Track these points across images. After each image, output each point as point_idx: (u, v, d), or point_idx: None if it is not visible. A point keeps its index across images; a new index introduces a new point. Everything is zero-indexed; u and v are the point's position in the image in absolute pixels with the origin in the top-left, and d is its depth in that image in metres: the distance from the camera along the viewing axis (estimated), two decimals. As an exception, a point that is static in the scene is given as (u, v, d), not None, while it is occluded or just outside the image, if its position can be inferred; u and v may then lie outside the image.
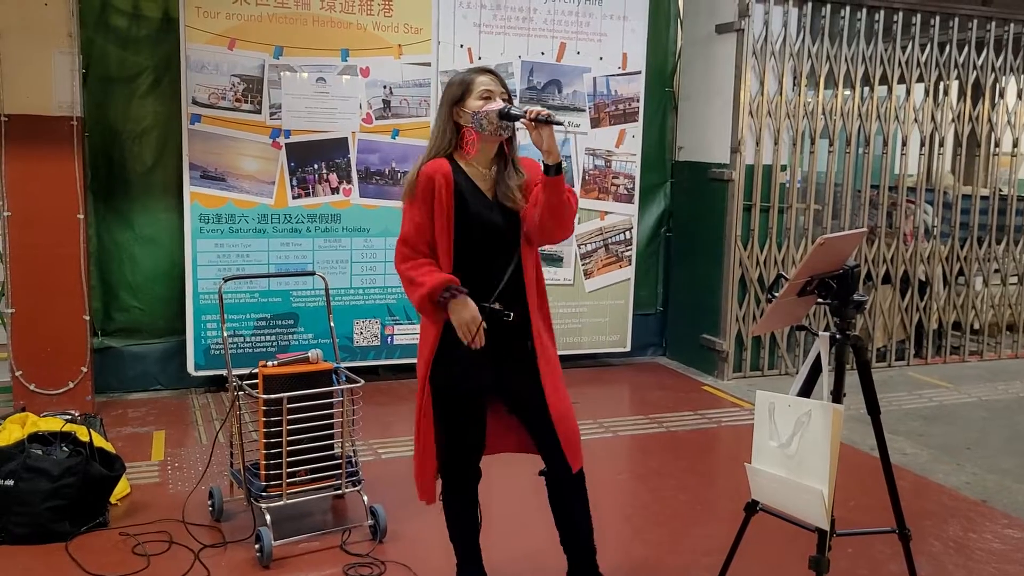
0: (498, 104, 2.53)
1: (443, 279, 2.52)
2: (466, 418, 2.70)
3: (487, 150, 2.61)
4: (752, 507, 2.61)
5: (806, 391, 2.46)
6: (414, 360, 5.49)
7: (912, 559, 2.65)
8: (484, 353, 2.58)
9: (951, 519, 3.82)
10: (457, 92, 2.58)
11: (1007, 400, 5.77)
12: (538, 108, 2.45)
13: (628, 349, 6.18)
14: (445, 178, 2.55)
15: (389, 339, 5.51)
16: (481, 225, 2.58)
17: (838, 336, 2.43)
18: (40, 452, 3.39)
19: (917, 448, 4.72)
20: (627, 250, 6.04)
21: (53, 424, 3.56)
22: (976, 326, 6.85)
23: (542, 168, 2.48)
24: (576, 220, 2.64)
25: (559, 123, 2.41)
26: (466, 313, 2.51)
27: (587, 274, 5.94)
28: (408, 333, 5.53)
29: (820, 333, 2.41)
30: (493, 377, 2.65)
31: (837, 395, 2.39)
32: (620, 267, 6.03)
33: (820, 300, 2.43)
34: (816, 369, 2.45)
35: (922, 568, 3.29)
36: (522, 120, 2.45)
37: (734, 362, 6.00)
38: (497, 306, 2.57)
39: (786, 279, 2.36)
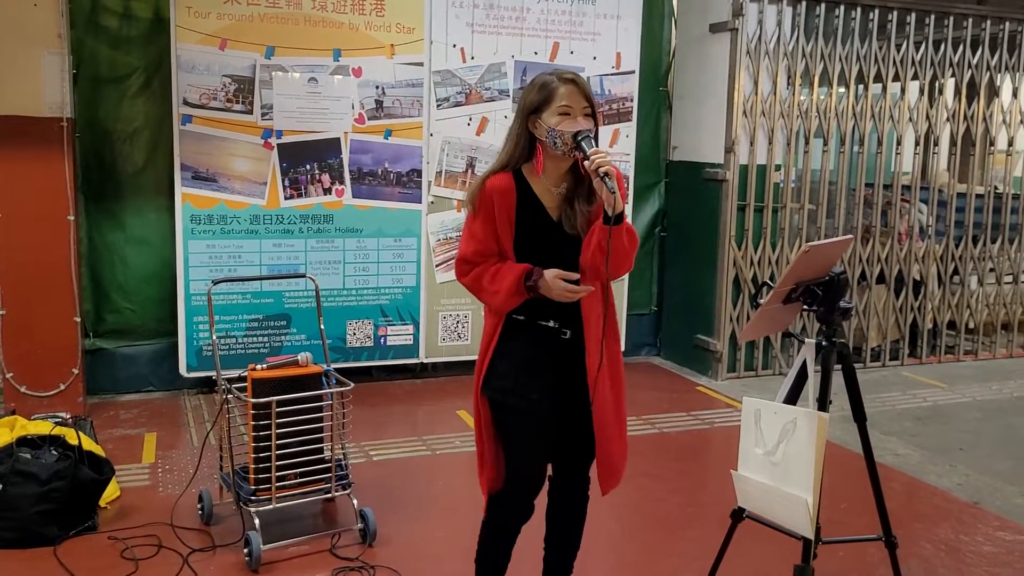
0: (575, 126, 2.36)
1: (516, 276, 2.39)
2: (524, 443, 2.52)
3: (560, 164, 2.45)
4: (738, 514, 2.60)
5: (792, 398, 2.45)
6: (407, 360, 5.60)
7: (898, 567, 2.65)
8: (537, 367, 2.48)
9: (943, 521, 3.82)
10: (536, 100, 2.41)
11: (1001, 400, 5.77)
12: (602, 159, 2.26)
13: (622, 349, 6.14)
14: (507, 197, 2.43)
15: (382, 340, 5.50)
16: (540, 247, 2.44)
17: (824, 343, 2.42)
18: (29, 456, 3.38)
19: (910, 449, 4.72)
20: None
21: (42, 427, 3.56)
22: (971, 325, 6.84)
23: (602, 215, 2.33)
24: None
25: (611, 189, 2.24)
26: (555, 286, 2.36)
27: (581, 274, 5.93)
28: (401, 334, 5.52)
29: (806, 340, 2.40)
30: (549, 394, 2.50)
31: (823, 403, 2.38)
32: (614, 267, 6.01)
33: (806, 307, 2.42)
34: (802, 376, 2.44)
35: (913, 571, 3.29)
36: (584, 163, 2.31)
37: (728, 362, 5.99)
38: (553, 323, 2.47)
39: (771, 287, 2.34)
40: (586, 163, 2.30)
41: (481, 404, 2.56)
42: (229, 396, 3.37)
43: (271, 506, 3.30)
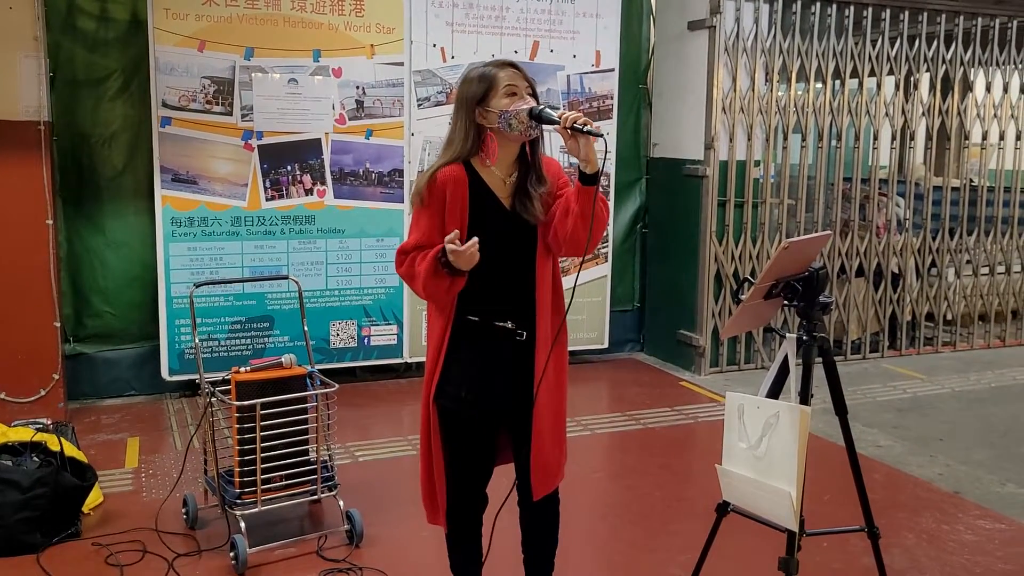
0: (528, 103, 2.32)
1: (434, 253, 2.32)
2: (475, 447, 2.52)
3: (508, 152, 2.41)
4: (723, 508, 2.62)
5: (775, 392, 2.48)
6: (391, 360, 5.60)
7: (881, 558, 2.68)
8: (494, 371, 2.46)
9: (925, 511, 3.87)
10: (479, 91, 2.35)
11: (979, 391, 5.84)
12: (575, 114, 2.23)
13: (606, 346, 6.19)
14: (459, 187, 2.37)
15: (366, 340, 5.49)
16: (495, 239, 2.38)
17: (805, 337, 2.44)
18: (10, 463, 3.35)
19: (891, 440, 4.77)
20: (603, 247, 6.05)
21: (23, 434, 3.52)
22: (949, 317, 6.92)
23: (578, 176, 2.30)
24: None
25: (600, 135, 2.22)
26: (445, 244, 2.27)
27: (563, 271, 5.94)
28: (385, 334, 5.52)
29: (787, 335, 2.43)
30: (502, 395, 2.48)
31: (805, 396, 2.41)
32: (596, 264, 6.04)
33: (786, 303, 2.44)
34: (784, 370, 2.46)
35: (895, 560, 3.33)
36: (555, 128, 2.27)
37: (711, 357, 6.03)
38: (510, 325, 2.44)
39: (752, 283, 2.37)
40: (556, 128, 2.27)
41: (432, 414, 2.50)
42: (213, 399, 3.36)
43: (257, 509, 3.29)
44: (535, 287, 2.46)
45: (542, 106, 2.33)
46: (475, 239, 2.25)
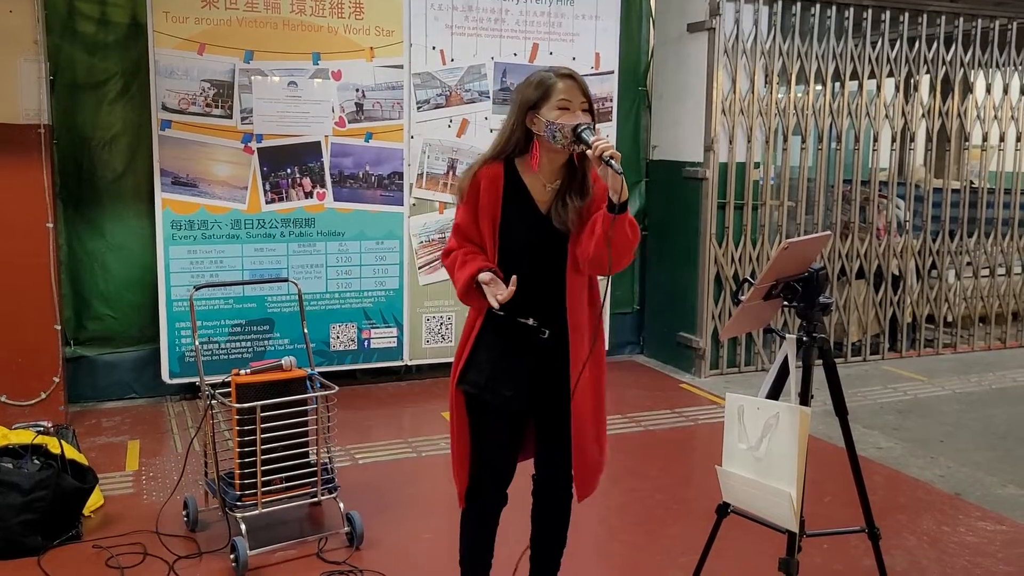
0: (575, 119, 2.34)
1: (471, 272, 2.40)
2: (496, 436, 2.56)
3: (555, 160, 2.44)
4: (723, 509, 2.62)
5: (775, 393, 2.48)
6: (391, 363, 5.59)
7: (882, 559, 2.68)
8: (513, 367, 2.48)
9: (925, 513, 3.86)
10: (533, 96, 2.39)
11: (980, 392, 5.84)
12: (605, 144, 2.23)
13: (606, 348, 6.17)
14: (495, 185, 2.44)
15: (366, 343, 5.49)
16: (522, 240, 2.46)
17: (805, 338, 2.44)
18: (11, 466, 3.35)
19: (892, 442, 4.77)
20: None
21: (24, 437, 3.52)
22: (949, 319, 6.92)
23: (607, 203, 2.31)
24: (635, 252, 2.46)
25: (618, 171, 2.22)
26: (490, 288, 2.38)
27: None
28: (385, 336, 5.52)
29: (787, 335, 2.43)
30: (527, 394, 2.51)
31: (804, 397, 2.41)
32: (596, 266, 6.03)
33: (786, 303, 2.44)
34: (784, 371, 2.46)
35: (896, 562, 3.33)
36: (588, 151, 2.29)
37: (711, 359, 6.03)
38: (532, 322, 2.46)
39: (752, 283, 2.37)
40: (589, 152, 2.28)
41: (456, 397, 2.58)
42: (213, 402, 3.36)
43: (257, 511, 3.29)
44: (565, 287, 2.48)
45: (584, 126, 2.33)
46: (513, 288, 2.32)
